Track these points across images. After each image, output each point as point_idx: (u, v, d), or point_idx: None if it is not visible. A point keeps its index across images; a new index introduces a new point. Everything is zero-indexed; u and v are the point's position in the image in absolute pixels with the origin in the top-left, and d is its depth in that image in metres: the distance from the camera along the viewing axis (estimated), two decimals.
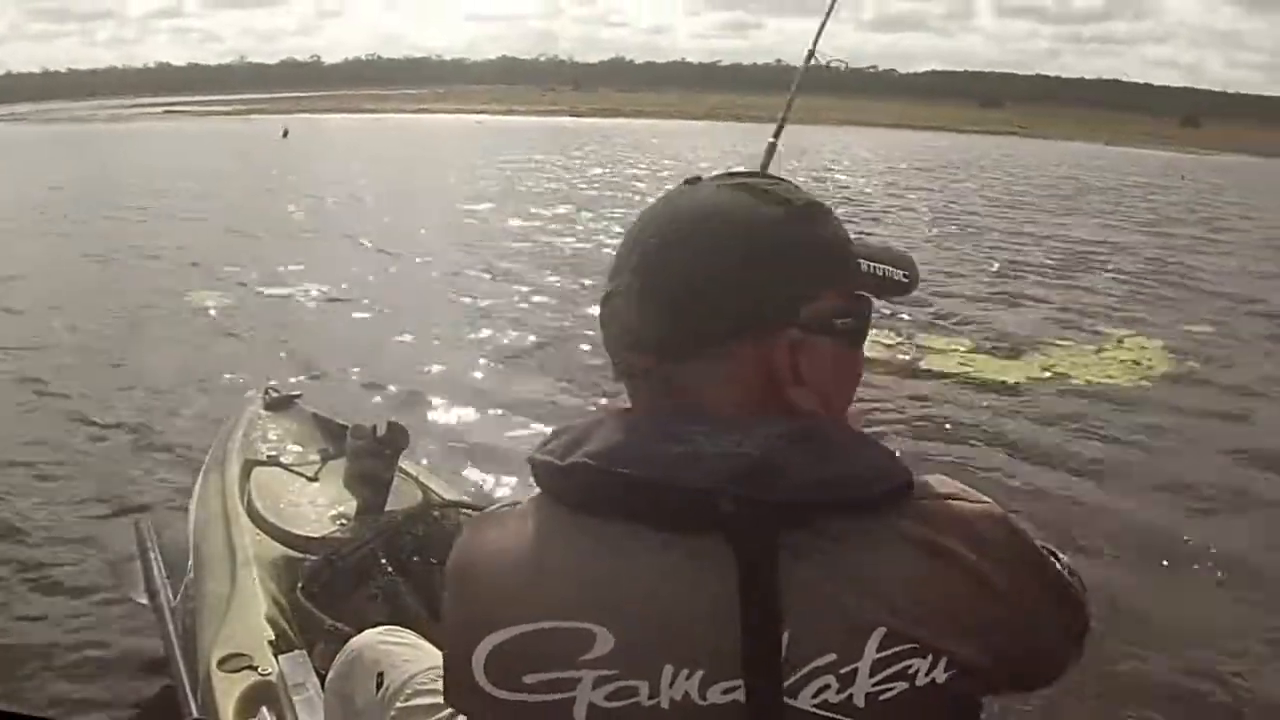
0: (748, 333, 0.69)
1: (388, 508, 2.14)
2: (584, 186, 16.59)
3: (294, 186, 15.36)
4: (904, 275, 0.77)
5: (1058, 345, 6.14)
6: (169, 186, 15.07)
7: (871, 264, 0.76)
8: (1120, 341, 6.28)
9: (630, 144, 30.56)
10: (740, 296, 0.69)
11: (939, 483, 0.69)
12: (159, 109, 62.54)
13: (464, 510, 2.12)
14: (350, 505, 2.19)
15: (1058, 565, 0.74)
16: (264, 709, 1.61)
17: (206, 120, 50.11)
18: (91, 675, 2.45)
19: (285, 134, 31.33)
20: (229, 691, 1.64)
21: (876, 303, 0.77)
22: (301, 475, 2.41)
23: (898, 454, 0.69)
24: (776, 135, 1.64)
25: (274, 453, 2.53)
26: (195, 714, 1.72)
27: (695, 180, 0.76)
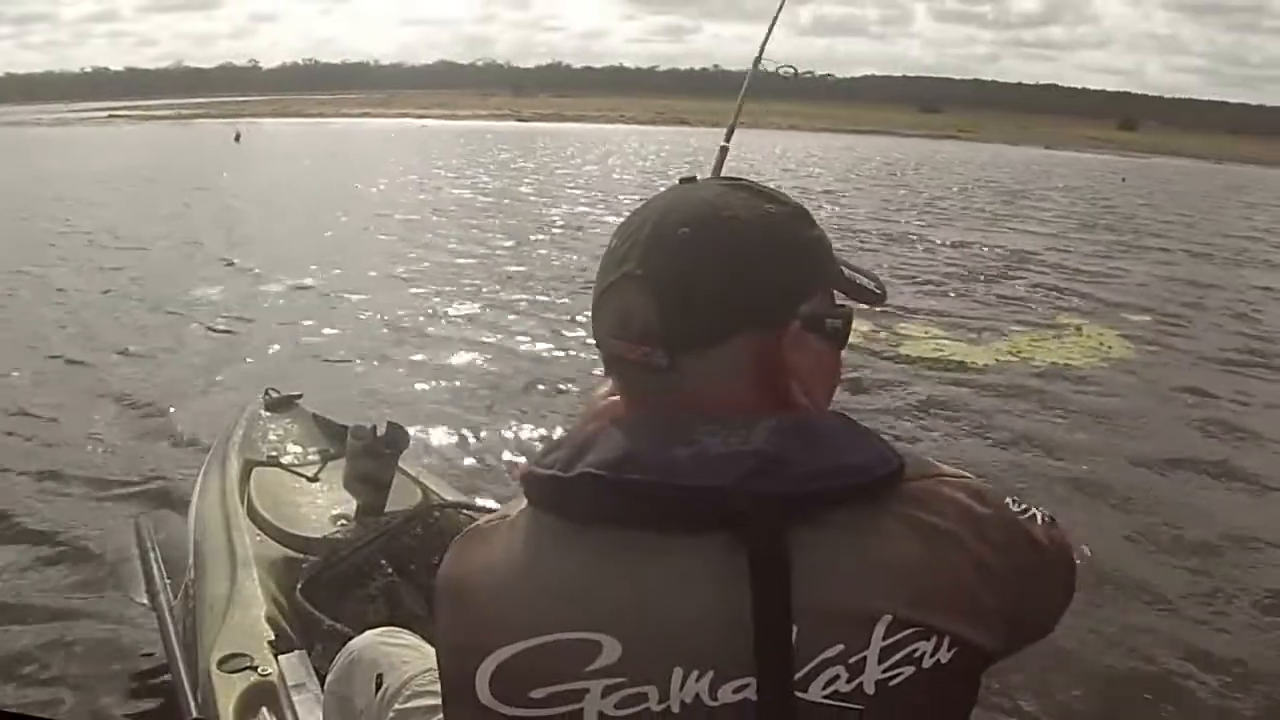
0: (752, 325, 0.70)
1: (388, 508, 2.14)
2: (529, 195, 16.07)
3: (237, 195, 14.51)
4: (876, 286, 0.80)
5: (1020, 333, 6.70)
6: (82, 195, 14.32)
7: (851, 271, 0.78)
8: (1078, 329, 6.89)
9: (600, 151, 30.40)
10: (751, 289, 0.70)
11: (922, 463, 0.71)
12: (102, 113, 61.10)
13: (464, 511, 2.12)
14: (350, 506, 2.19)
15: (1038, 520, 0.75)
16: (264, 709, 1.61)
17: (151, 125, 49.02)
18: (91, 675, 2.45)
19: (238, 138, 31.02)
20: (229, 691, 1.64)
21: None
22: (302, 475, 2.41)
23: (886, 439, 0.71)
24: (727, 139, 1.65)
25: (274, 453, 2.53)
26: (195, 714, 1.72)
27: (690, 179, 0.77)
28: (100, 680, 2.43)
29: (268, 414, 2.80)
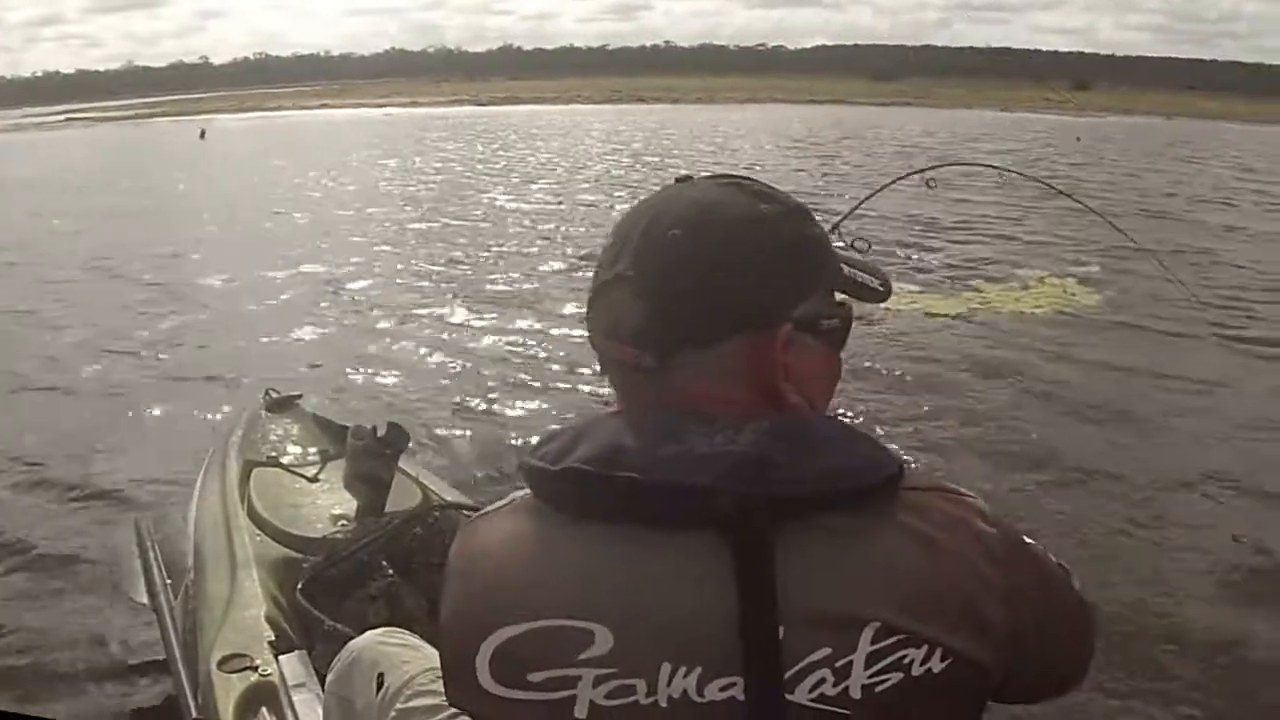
0: (744, 328, 0.70)
1: (388, 508, 2.14)
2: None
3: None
4: (880, 284, 0.79)
5: (989, 285, 7.25)
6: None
7: (851, 269, 0.78)
8: (1041, 280, 7.42)
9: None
10: (741, 291, 0.70)
11: (928, 478, 0.70)
12: (59, 117, 60.00)
13: (464, 511, 2.12)
14: (350, 506, 2.19)
15: (1051, 560, 0.75)
16: (264, 709, 1.62)
17: (110, 126, 47.99)
18: (91, 675, 2.45)
19: (203, 135, 30.89)
20: (229, 692, 1.64)
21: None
22: (302, 476, 2.41)
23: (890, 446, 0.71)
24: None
25: (274, 453, 2.53)
26: (195, 714, 1.73)
27: (686, 179, 0.77)
28: (100, 680, 2.43)
29: (268, 414, 2.80)
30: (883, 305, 0.83)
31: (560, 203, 12.71)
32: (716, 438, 0.66)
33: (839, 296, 0.77)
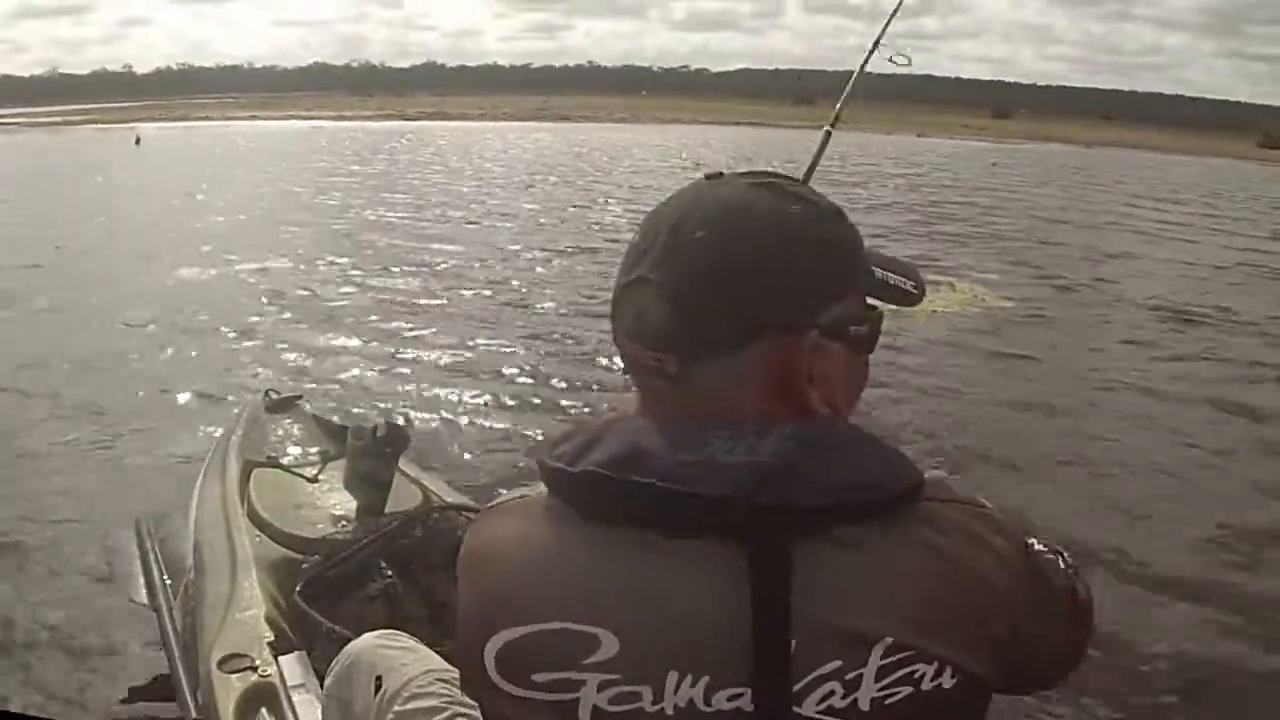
0: (768, 332, 0.69)
1: (387, 509, 2.14)
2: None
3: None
4: (913, 286, 0.77)
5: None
6: None
7: (884, 272, 0.76)
8: (953, 286, 8.14)
9: None
10: (766, 296, 0.68)
11: (946, 488, 0.69)
12: None
13: (464, 512, 2.12)
14: (350, 507, 2.19)
15: (1059, 564, 0.74)
16: (263, 710, 1.62)
17: (38, 133, 46.11)
18: (92, 675, 2.45)
19: (138, 141, 30.79)
20: (229, 692, 1.64)
21: None
22: (302, 476, 2.41)
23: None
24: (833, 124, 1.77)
25: (274, 453, 2.53)
26: (195, 714, 1.73)
27: (716, 176, 0.75)
28: (100, 680, 2.43)
29: (268, 414, 2.80)
30: None
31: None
32: (739, 446, 0.65)
33: (870, 300, 0.75)
